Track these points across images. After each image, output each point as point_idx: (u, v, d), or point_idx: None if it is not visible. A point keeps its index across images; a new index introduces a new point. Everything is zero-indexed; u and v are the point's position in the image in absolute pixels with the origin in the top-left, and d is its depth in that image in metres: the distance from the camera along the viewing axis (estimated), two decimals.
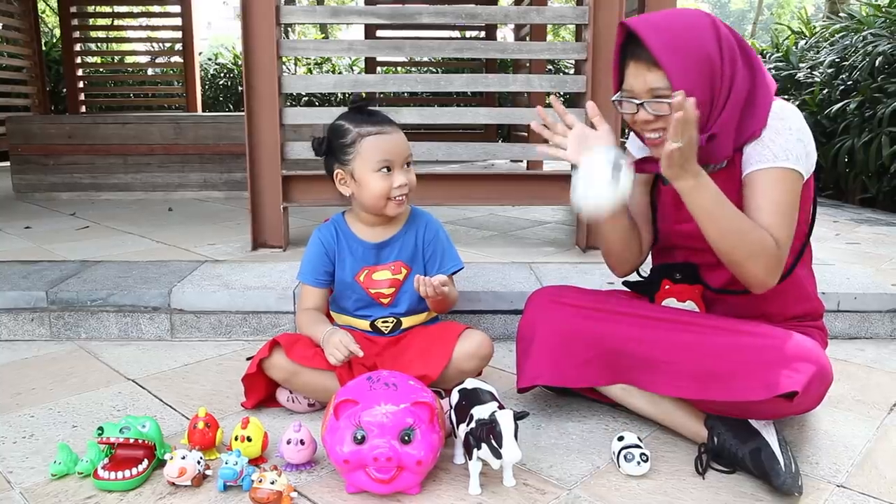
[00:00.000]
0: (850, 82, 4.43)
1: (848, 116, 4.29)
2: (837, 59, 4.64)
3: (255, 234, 2.64)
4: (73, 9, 6.70)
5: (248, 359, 1.56)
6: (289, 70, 9.20)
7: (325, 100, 8.55)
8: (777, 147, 1.30)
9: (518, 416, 1.20)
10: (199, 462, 1.26)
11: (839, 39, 4.83)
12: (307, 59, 9.11)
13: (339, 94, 7.97)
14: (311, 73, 9.06)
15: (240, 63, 8.61)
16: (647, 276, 1.57)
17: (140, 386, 1.75)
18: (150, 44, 7.74)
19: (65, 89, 6.79)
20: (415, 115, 2.64)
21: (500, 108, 5.79)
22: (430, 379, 1.46)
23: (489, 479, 1.28)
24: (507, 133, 7.50)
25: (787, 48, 5.41)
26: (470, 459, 1.24)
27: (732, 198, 1.32)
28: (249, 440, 1.32)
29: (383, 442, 1.18)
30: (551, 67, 8.27)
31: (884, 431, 1.51)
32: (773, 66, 5.26)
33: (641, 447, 1.32)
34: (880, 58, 4.17)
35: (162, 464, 1.28)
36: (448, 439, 1.35)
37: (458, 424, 1.29)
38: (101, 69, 8.03)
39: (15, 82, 6.09)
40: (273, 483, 1.18)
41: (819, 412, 1.55)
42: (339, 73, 9.29)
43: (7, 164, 4.31)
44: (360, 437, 1.18)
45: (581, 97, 2.59)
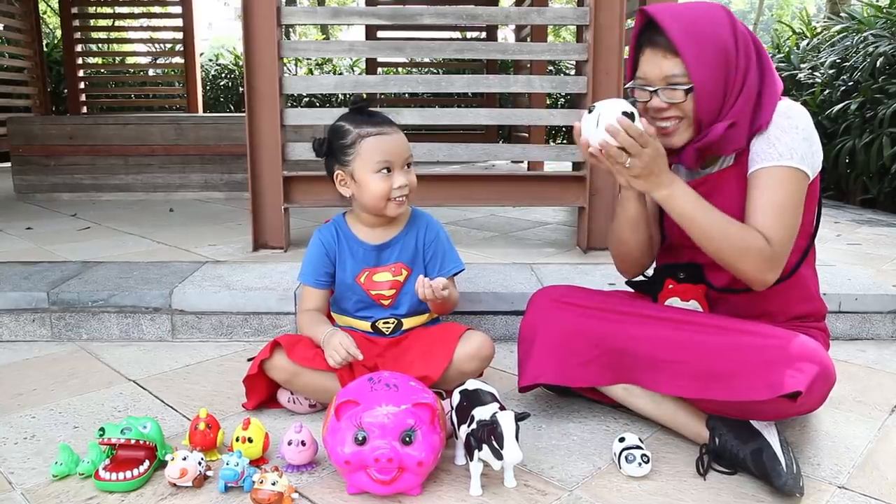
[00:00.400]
0: (850, 83, 4.43)
1: (849, 117, 4.28)
2: (838, 60, 4.64)
3: (256, 234, 2.65)
4: (75, 9, 6.70)
5: (250, 360, 1.56)
6: (290, 71, 9.20)
7: (326, 100, 8.55)
8: (783, 146, 1.31)
9: (519, 418, 1.20)
10: (200, 463, 1.26)
11: (840, 40, 4.83)
12: (308, 59, 9.12)
13: (340, 95, 7.97)
14: (312, 73, 9.07)
15: (241, 64, 8.57)
16: (651, 275, 1.58)
17: (141, 387, 1.75)
18: (151, 44, 7.75)
19: (66, 90, 6.79)
20: (415, 116, 2.64)
21: (501, 108, 5.79)
22: (431, 380, 1.46)
23: (490, 480, 1.28)
24: (507, 134, 7.50)
25: (788, 49, 5.41)
26: (471, 460, 1.24)
27: (740, 194, 1.32)
28: (250, 441, 1.32)
29: (384, 443, 1.18)
30: (552, 68, 8.26)
31: (885, 432, 1.50)
32: (775, 67, 5.25)
33: (642, 448, 1.32)
34: (881, 59, 4.17)
35: (163, 465, 1.28)
36: (449, 440, 1.35)
37: (459, 425, 1.29)
38: (102, 70, 8.03)
39: (16, 83, 6.09)
40: (274, 484, 1.18)
41: (820, 413, 1.54)
42: (340, 73, 9.30)
43: (8, 164, 4.31)
44: (361, 438, 1.18)
45: (582, 98, 2.59)
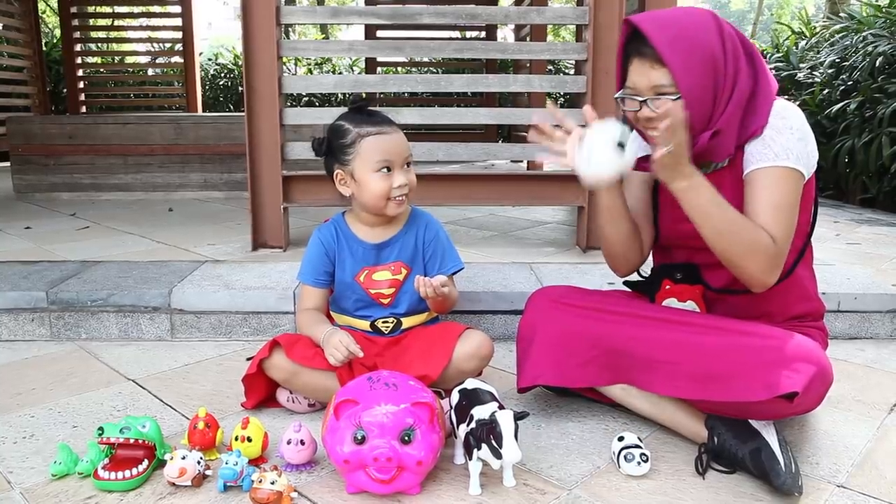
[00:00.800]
0: (850, 82, 4.43)
1: (848, 117, 4.28)
2: (838, 60, 4.64)
3: (256, 234, 2.65)
4: (74, 9, 6.69)
5: (249, 359, 1.56)
6: (289, 70, 9.20)
7: (326, 100, 8.55)
8: (778, 146, 1.31)
9: (518, 417, 1.20)
10: (199, 462, 1.26)
11: (839, 40, 4.83)
12: (307, 59, 9.11)
13: (340, 95, 7.97)
14: (312, 73, 9.07)
15: (240, 63, 8.61)
16: (648, 276, 1.57)
17: (140, 386, 1.75)
18: (151, 44, 7.74)
19: (65, 89, 6.79)
20: (415, 116, 2.64)
21: (501, 108, 5.79)
22: (430, 379, 1.46)
23: (489, 480, 1.28)
24: (507, 133, 7.50)
25: (787, 48, 5.41)
26: (470, 459, 1.24)
27: (734, 196, 1.32)
28: (249, 440, 1.32)
29: (383, 442, 1.18)
30: (551, 68, 8.27)
31: (884, 432, 1.50)
32: (774, 67, 5.26)
33: (641, 447, 1.32)
34: (880, 58, 4.17)
35: (162, 464, 1.28)
36: (448, 439, 1.35)
37: (458, 425, 1.29)
38: (102, 69, 8.02)
39: (15, 82, 6.09)
40: (273, 483, 1.18)
41: (819, 412, 1.54)
42: (340, 73, 9.30)
43: (7, 164, 4.31)
44: (360, 438, 1.18)
45: (581, 97, 2.59)
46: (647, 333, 1.41)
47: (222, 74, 9.45)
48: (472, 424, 1.22)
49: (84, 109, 6.75)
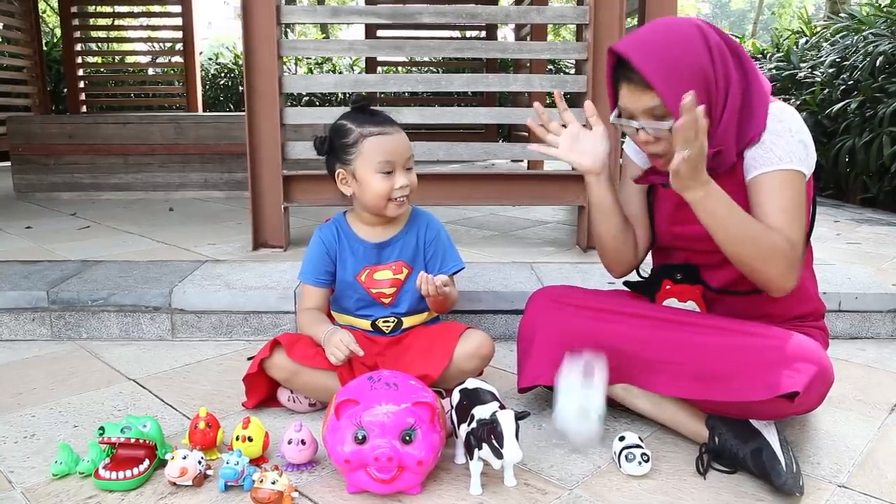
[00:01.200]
0: (850, 82, 4.43)
1: (849, 116, 4.28)
2: (838, 59, 4.64)
3: (256, 233, 2.65)
4: (74, 9, 6.69)
5: (249, 358, 1.56)
6: (289, 70, 9.20)
7: (326, 100, 8.55)
8: (780, 150, 1.30)
9: (519, 416, 1.20)
10: (200, 462, 1.26)
11: (840, 39, 4.83)
12: (308, 58, 9.11)
13: (340, 94, 7.97)
14: (312, 72, 9.07)
15: (240, 63, 8.58)
16: (648, 276, 1.57)
17: (141, 386, 1.75)
18: (151, 44, 7.75)
19: (65, 89, 6.79)
20: (415, 115, 2.64)
21: (501, 108, 5.79)
22: (431, 379, 1.46)
23: (490, 479, 1.28)
24: (507, 133, 7.50)
25: (787, 48, 5.41)
26: (471, 459, 1.24)
27: (736, 202, 1.32)
28: (250, 440, 1.32)
29: (384, 442, 1.18)
30: (552, 67, 8.26)
31: (885, 431, 1.50)
32: (774, 66, 5.26)
33: (642, 447, 1.32)
34: (881, 58, 4.17)
35: (163, 464, 1.28)
36: (449, 439, 1.35)
37: (459, 424, 1.29)
38: (102, 69, 8.02)
39: (15, 82, 6.09)
40: (274, 483, 1.18)
41: (820, 412, 1.54)
42: (340, 72, 9.30)
43: (8, 164, 4.31)
44: (361, 437, 1.18)
45: (582, 97, 2.59)
46: (649, 333, 1.41)
47: (223, 74, 9.46)
48: (473, 424, 1.22)
49: (84, 109, 6.75)
